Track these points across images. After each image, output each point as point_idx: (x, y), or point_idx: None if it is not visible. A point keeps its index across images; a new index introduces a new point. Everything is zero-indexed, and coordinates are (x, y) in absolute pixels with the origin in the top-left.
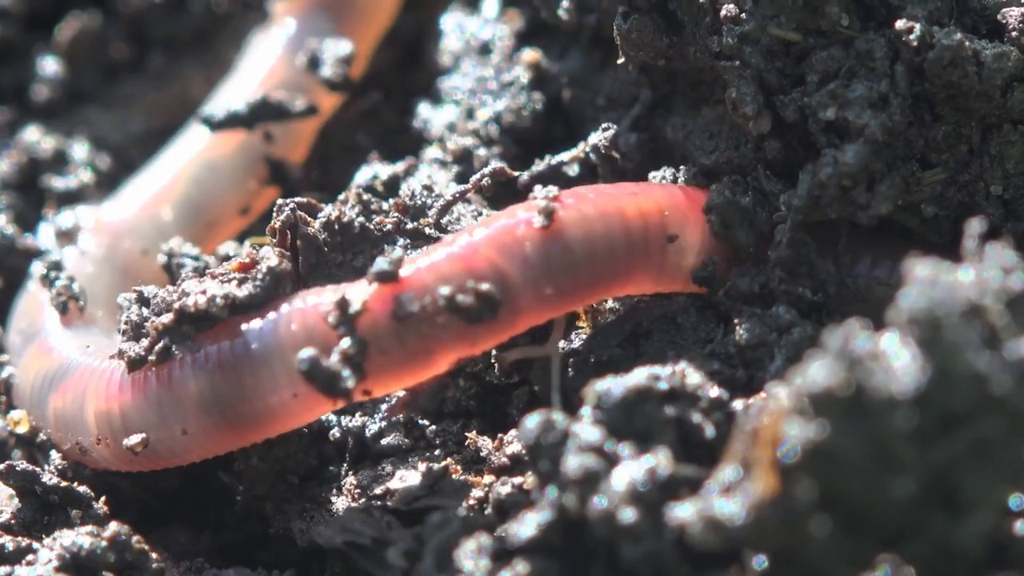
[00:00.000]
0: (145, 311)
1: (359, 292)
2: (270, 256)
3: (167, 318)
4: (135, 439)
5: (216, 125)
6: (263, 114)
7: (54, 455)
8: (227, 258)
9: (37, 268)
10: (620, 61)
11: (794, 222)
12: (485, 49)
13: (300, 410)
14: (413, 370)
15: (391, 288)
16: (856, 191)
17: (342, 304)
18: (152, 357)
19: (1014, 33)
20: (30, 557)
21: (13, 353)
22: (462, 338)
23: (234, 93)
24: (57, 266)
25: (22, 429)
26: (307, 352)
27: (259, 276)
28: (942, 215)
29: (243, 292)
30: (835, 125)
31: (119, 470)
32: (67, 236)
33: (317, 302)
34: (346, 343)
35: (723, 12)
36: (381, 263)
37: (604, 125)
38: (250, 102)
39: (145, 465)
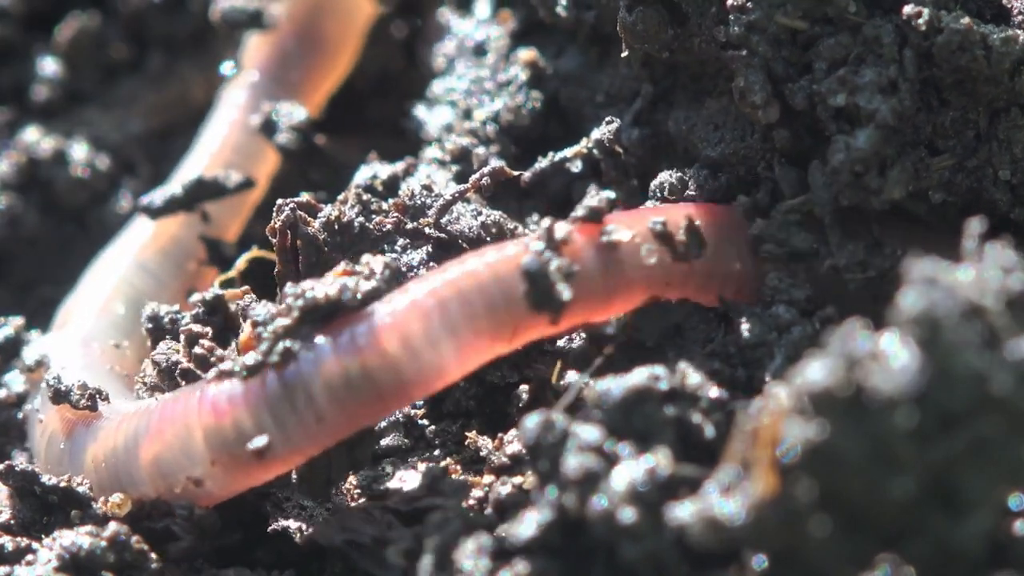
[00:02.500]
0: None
1: (563, 225)
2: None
3: (284, 321)
4: (260, 441)
5: (155, 212)
6: (201, 193)
7: None
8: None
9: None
10: (624, 55)
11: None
12: (480, 50)
13: (475, 355)
14: (607, 304)
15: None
16: (868, 176)
17: (550, 231)
18: (274, 359)
19: (1020, 17)
20: (29, 557)
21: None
22: (662, 274)
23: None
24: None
25: (127, 508)
26: (530, 257)
27: (379, 273)
28: (950, 202)
29: (369, 285)
30: (845, 111)
31: (231, 494)
32: (37, 368)
33: (503, 252)
34: (558, 262)
35: (729, 1)
36: (591, 200)
37: (607, 119)
38: (185, 183)
39: (260, 476)
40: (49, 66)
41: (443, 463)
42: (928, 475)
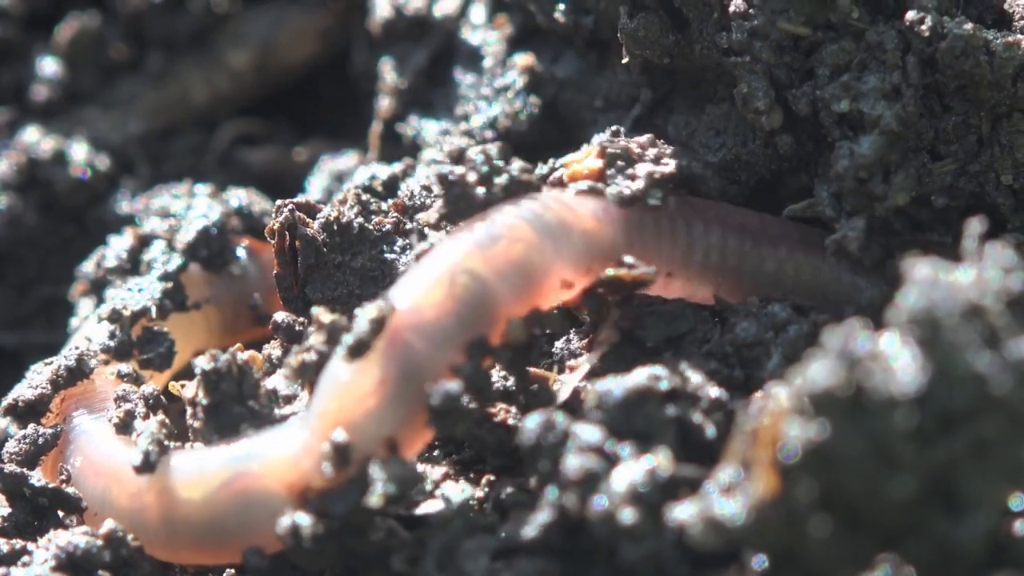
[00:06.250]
0: None
1: None
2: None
3: (659, 170)
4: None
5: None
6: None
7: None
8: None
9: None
10: (624, 61)
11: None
12: (476, 55)
13: None
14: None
15: None
16: (872, 183)
17: None
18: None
19: (1021, 23)
20: (25, 558)
21: None
22: None
23: None
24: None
25: None
26: None
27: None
28: (952, 207)
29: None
30: (848, 117)
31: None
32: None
33: None
34: None
35: (732, 8)
36: None
37: (612, 128)
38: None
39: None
40: (49, 66)
41: (443, 464)
42: (928, 475)
